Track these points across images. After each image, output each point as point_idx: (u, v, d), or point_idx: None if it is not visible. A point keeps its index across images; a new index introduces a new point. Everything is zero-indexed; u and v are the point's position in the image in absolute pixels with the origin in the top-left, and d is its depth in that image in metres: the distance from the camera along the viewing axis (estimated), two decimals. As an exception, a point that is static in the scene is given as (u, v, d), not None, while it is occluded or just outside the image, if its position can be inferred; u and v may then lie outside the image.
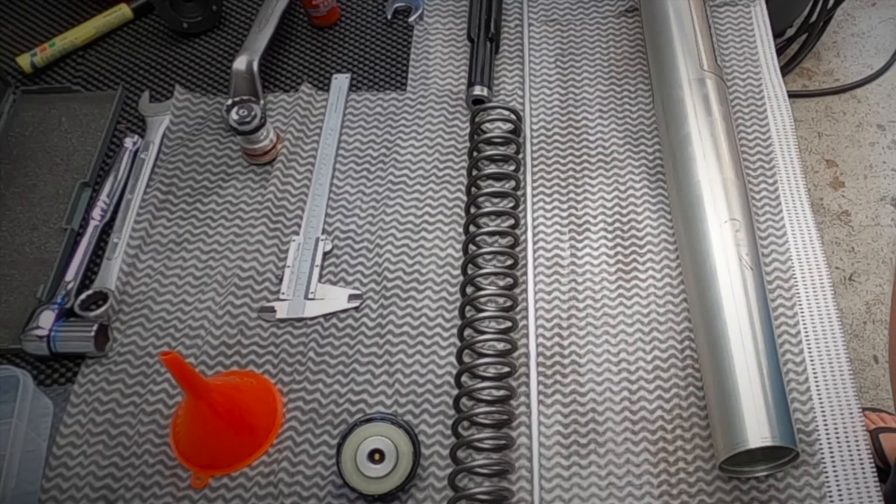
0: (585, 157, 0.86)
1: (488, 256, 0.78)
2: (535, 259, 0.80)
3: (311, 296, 0.78)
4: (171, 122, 0.89)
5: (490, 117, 0.85)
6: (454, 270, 0.80)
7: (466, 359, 0.72)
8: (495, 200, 0.83)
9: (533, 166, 0.85)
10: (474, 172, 0.82)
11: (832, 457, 0.69)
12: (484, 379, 0.72)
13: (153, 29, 0.99)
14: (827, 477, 0.68)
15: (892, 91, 1.93)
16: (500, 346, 0.73)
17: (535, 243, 0.80)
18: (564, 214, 0.82)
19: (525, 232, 0.81)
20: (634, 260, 0.79)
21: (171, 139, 0.88)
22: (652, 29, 0.88)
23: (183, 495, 0.69)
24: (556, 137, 0.88)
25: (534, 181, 0.84)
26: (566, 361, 0.74)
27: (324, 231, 0.82)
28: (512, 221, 0.81)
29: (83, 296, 0.78)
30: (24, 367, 0.75)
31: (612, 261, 0.79)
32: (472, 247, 0.78)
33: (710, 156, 0.76)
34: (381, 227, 0.82)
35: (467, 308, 0.75)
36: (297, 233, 0.82)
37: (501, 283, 0.77)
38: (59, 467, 0.71)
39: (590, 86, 0.91)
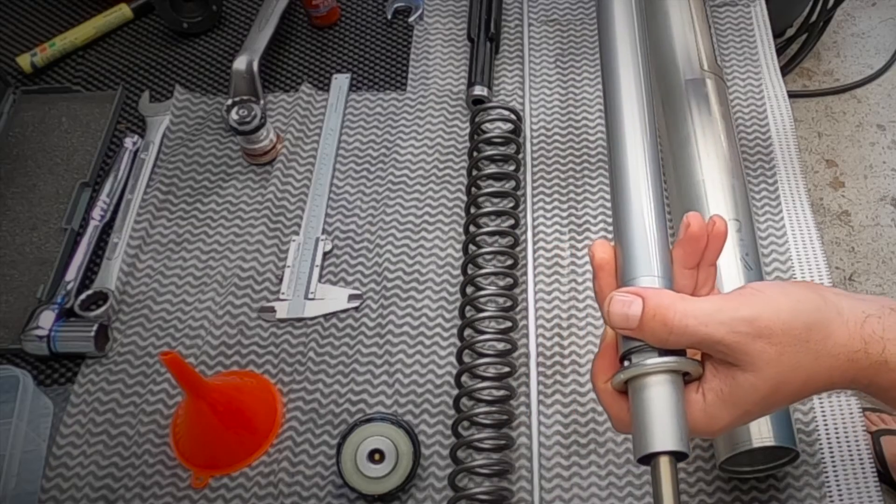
0: (585, 157, 0.86)
1: (488, 256, 0.78)
2: (535, 259, 0.80)
3: (311, 296, 0.78)
4: (171, 122, 0.89)
5: (490, 117, 0.85)
6: (454, 270, 0.80)
7: (466, 359, 0.72)
8: (495, 200, 0.83)
9: (533, 166, 0.85)
10: (474, 172, 0.82)
11: (832, 457, 0.69)
12: (484, 379, 0.72)
13: (153, 29, 0.99)
14: (827, 477, 0.68)
15: (892, 91, 1.93)
16: (500, 346, 0.73)
17: (535, 243, 0.80)
18: (564, 214, 0.82)
19: (525, 232, 0.81)
20: (634, 260, 0.79)
21: (171, 139, 0.88)
22: (652, 29, 0.88)
23: (183, 495, 0.69)
24: (556, 137, 0.88)
25: (534, 181, 0.84)
26: (566, 361, 0.74)
27: (324, 231, 0.82)
28: (512, 221, 0.81)
29: (83, 296, 0.78)
30: (24, 367, 0.75)
31: (612, 261, 0.79)
32: (472, 247, 0.78)
33: (710, 156, 0.76)
34: (381, 227, 0.82)
35: (467, 308, 0.75)
36: (297, 233, 0.82)
37: (501, 283, 0.77)
38: (59, 467, 0.71)
39: (590, 86, 0.91)
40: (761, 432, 0.62)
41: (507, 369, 0.72)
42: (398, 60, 0.95)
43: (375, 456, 0.66)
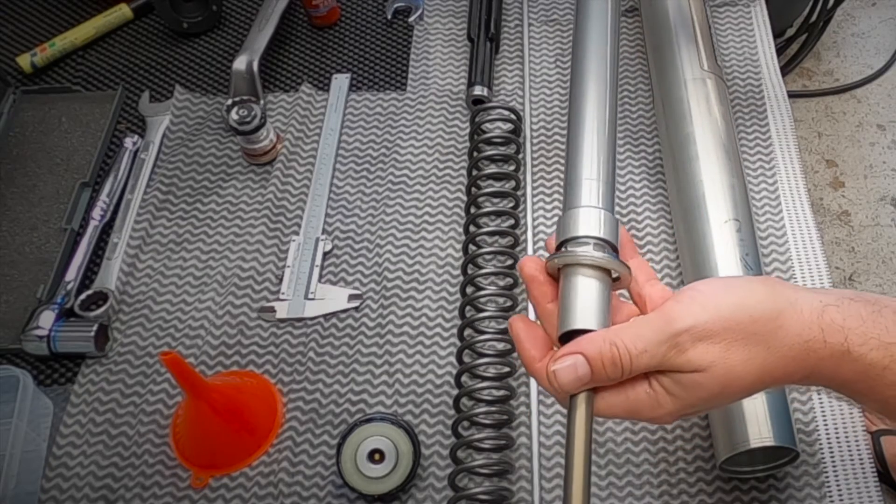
0: (585, 157, 0.86)
1: (488, 256, 0.78)
2: (535, 259, 0.79)
3: (311, 296, 0.78)
4: (171, 122, 0.89)
5: (490, 117, 0.85)
6: (454, 270, 0.80)
7: (466, 359, 0.72)
8: (495, 200, 0.83)
9: (533, 166, 0.85)
10: (474, 172, 0.82)
11: (832, 457, 0.69)
12: (484, 379, 0.72)
13: (153, 29, 0.99)
14: (827, 477, 0.68)
15: (892, 91, 1.93)
16: (500, 346, 0.73)
17: (535, 243, 0.80)
18: (564, 214, 0.82)
19: (525, 232, 0.81)
20: (634, 260, 0.79)
21: (171, 139, 0.88)
22: (652, 29, 0.88)
23: (183, 495, 0.69)
24: (556, 137, 0.88)
25: (534, 181, 0.84)
26: (566, 361, 0.74)
27: (324, 231, 0.82)
28: (512, 221, 0.81)
29: (83, 296, 0.78)
30: (24, 367, 0.75)
31: (612, 261, 0.79)
32: (472, 247, 0.78)
33: (710, 156, 0.76)
34: (381, 227, 0.82)
35: (467, 308, 0.75)
36: (297, 233, 0.82)
37: (501, 283, 0.77)
38: (59, 467, 0.71)
39: (590, 86, 0.91)
40: (761, 432, 0.62)
41: (507, 369, 0.72)
42: (398, 60, 0.95)
43: (375, 456, 0.66)
